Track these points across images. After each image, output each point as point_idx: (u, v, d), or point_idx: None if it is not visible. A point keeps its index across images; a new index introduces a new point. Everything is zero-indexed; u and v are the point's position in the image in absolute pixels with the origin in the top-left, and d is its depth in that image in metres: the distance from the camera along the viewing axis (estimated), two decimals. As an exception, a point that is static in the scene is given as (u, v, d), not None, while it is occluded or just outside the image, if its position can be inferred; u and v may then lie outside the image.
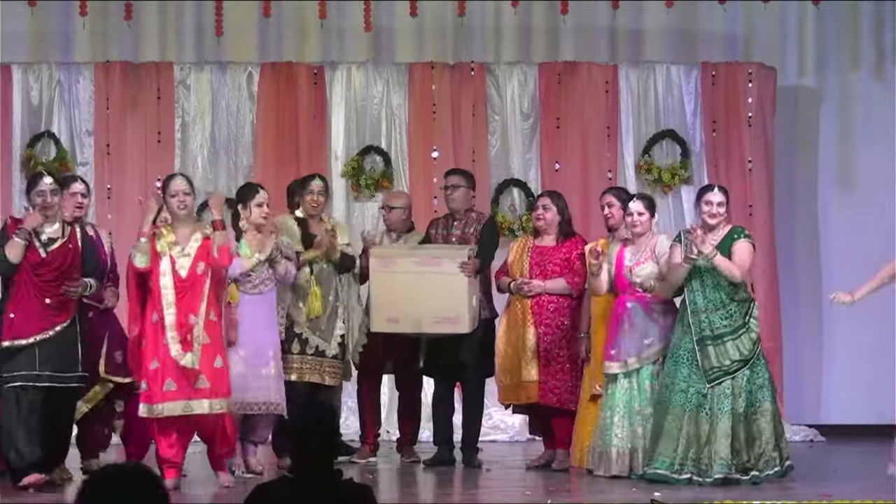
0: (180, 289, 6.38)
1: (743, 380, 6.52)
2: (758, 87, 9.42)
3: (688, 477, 6.49)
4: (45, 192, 6.59)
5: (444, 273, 7.14)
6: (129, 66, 9.24)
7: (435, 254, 7.26)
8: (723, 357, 6.52)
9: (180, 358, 6.31)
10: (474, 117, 9.35)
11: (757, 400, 6.56)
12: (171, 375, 6.34)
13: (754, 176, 9.36)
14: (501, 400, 7.26)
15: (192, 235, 6.50)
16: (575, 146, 9.38)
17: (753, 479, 6.48)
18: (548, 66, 9.47)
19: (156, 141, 9.19)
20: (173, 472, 6.43)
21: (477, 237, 7.38)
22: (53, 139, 9.15)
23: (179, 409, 6.33)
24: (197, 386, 6.35)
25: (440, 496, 6.54)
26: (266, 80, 9.27)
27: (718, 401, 6.50)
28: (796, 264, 9.51)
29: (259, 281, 6.90)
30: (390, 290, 7.12)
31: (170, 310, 6.33)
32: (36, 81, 9.16)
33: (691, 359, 6.55)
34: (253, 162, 9.26)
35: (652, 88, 9.46)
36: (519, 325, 7.17)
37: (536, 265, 7.19)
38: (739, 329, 6.55)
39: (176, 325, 6.32)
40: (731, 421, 6.48)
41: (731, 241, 6.64)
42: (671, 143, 9.44)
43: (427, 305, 7.10)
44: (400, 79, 9.36)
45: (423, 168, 9.17)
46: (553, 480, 6.88)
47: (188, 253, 6.44)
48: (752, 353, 6.56)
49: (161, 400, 6.33)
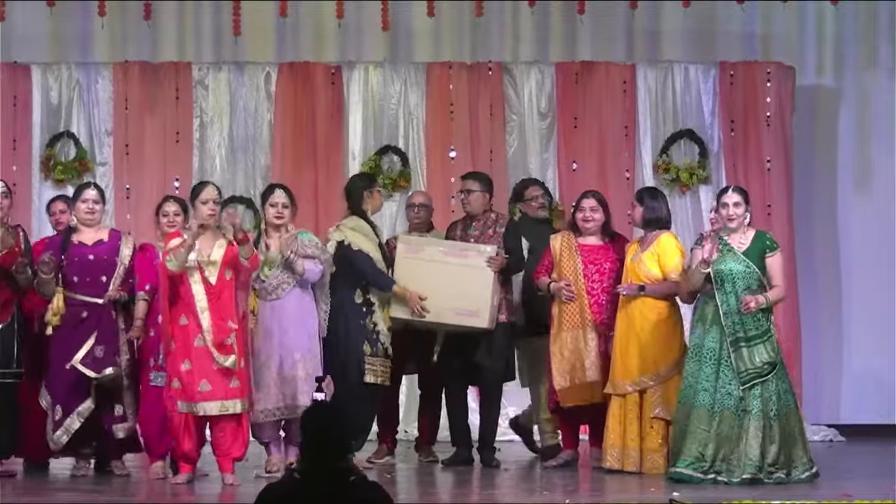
0: (211, 294, 6.51)
1: (773, 383, 6.50)
2: (776, 86, 9.40)
3: (712, 477, 6.47)
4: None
5: (470, 266, 7.13)
6: (148, 66, 9.28)
7: (464, 246, 7.26)
8: (755, 359, 6.50)
9: (223, 360, 6.46)
10: (492, 117, 9.35)
11: (784, 403, 6.53)
12: (207, 376, 6.47)
13: (773, 175, 9.34)
14: (562, 402, 7.17)
15: (216, 242, 6.60)
16: (592, 146, 9.37)
17: (778, 481, 6.45)
18: (565, 65, 9.46)
19: (174, 141, 9.23)
20: (189, 468, 6.58)
21: (497, 239, 7.34)
22: (73, 139, 9.19)
23: (216, 409, 6.49)
24: (231, 386, 6.50)
25: (458, 496, 6.54)
26: (284, 79, 9.30)
27: (749, 403, 6.48)
28: (815, 264, 9.48)
29: (273, 286, 6.88)
30: (414, 276, 7.11)
31: (204, 314, 6.48)
32: (55, 81, 9.20)
33: (716, 358, 6.53)
34: (271, 162, 9.28)
35: (670, 88, 9.45)
36: (577, 327, 7.09)
37: (591, 263, 7.14)
38: (767, 332, 6.55)
39: (213, 329, 6.45)
40: (762, 423, 6.45)
41: (762, 248, 6.59)
42: (689, 143, 9.43)
43: (449, 296, 7.08)
44: (417, 78, 9.37)
45: (441, 168, 9.18)
46: (571, 480, 6.88)
47: (214, 260, 6.55)
48: (777, 357, 6.54)
49: (199, 399, 6.48)
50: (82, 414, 6.78)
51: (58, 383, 6.79)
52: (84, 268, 6.83)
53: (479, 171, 7.94)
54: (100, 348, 6.81)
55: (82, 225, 6.93)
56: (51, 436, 6.80)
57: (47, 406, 6.81)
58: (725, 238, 6.62)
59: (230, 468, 6.59)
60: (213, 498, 6.36)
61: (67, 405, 6.78)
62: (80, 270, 6.82)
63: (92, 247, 6.91)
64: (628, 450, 6.83)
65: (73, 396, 6.78)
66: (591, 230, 7.17)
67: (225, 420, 6.50)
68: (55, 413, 6.78)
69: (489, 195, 7.49)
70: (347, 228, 7.18)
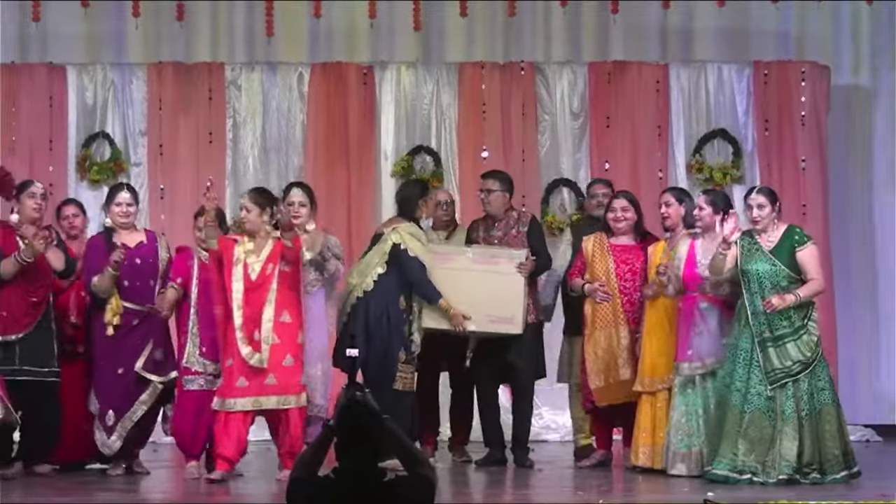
0: (250, 290, 6.59)
1: (805, 382, 6.45)
2: (811, 85, 9.35)
3: (748, 477, 6.43)
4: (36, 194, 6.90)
5: (501, 273, 7.12)
6: (182, 67, 9.32)
7: (493, 253, 7.24)
8: (784, 359, 6.45)
9: (250, 357, 6.53)
10: (524, 117, 9.34)
11: (819, 402, 6.48)
12: (243, 373, 6.55)
13: (808, 175, 9.29)
14: (598, 402, 7.17)
15: (266, 243, 6.70)
16: (625, 146, 9.35)
17: (813, 481, 6.41)
18: (598, 65, 9.44)
19: (207, 141, 9.27)
20: (226, 466, 6.62)
21: (521, 239, 7.33)
22: (108, 139, 9.24)
23: (250, 405, 6.57)
24: (266, 383, 6.55)
25: (491, 496, 6.53)
26: (316, 80, 9.32)
27: (781, 403, 6.44)
28: (851, 263, 9.42)
29: (305, 282, 6.91)
30: (445, 286, 7.10)
31: (238, 311, 6.57)
32: (90, 82, 9.26)
33: (748, 359, 6.49)
34: (303, 162, 9.30)
35: (703, 87, 9.42)
36: (610, 326, 7.07)
37: (623, 263, 7.13)
38: (800, 330, 6.48)
39: (243, 326, 6.54)
40: (795, 423, 6.41)
41: (791, 244, 6.54)
42: (723, 143, 9.39)
43: (482, 304, 7.07)
44: (450, 78, 9.37)
45: (473, 168, 9.16)
46: (605, 480, 6.86)
47: (261, 259, 6.66)
48: (813, 356, 6.48)
49: (233, 395, 6.55)
50: (133, 418, 6.82)
51: (109, 388, 6.83)
52: (133, 271, 6.87)
53: (499, 170, 7.88)
54: (158, 352, 6.88)
55: (119, 227, 6.96)
56: (105, 440, 6.83)
57: (96, 411, 6.84)
58: (756, 237, 6.58)
59: (289, 463, 6.60)
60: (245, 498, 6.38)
61: (120, 410, 6.82)
62: (129, 275, 6.86)
63: (136, 249, 6.95)
64: (657, 447, 6.80)
65: (126, 401, 6.83)
66: (623, 230, 7.15)
67: (281, 416, 6.58)
68: (107, 418, 6.82)
69: (509, 194, 7.47)
70: (406, 233, 7.13)
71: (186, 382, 6.79)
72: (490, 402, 7.48)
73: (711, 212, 6.79)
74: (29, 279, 6.79)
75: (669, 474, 6.67)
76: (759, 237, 6.59)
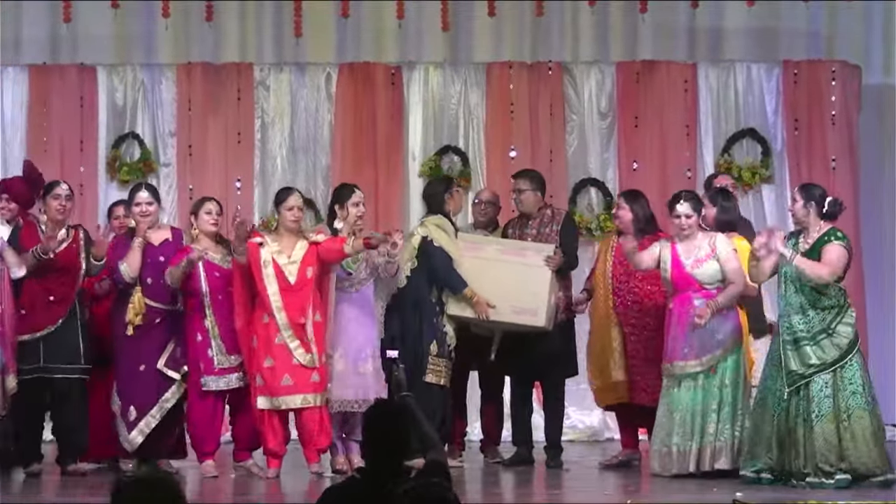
0: (289, 293, 6.67)
1: (822, 384, 6.38)
2: (842, 85, 9.29)
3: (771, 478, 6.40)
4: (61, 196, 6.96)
5: (528, 265, 7.13)
6: (210, 68, 9.36)
7: (522, 245, 7.27)
8: (802, 362, 6.41)
9: (303, 358, 6.66)
10: (552, 117, 9.32)
11: (850, 406, 6.41)
12: (288, 371, 6.66)
13: (838, 175, 9.23)
14: (597, 402, 7.20)
15: (297, 244, 6.77)
16: (653, 145, 9.31)
17: (839, 484, 6.35)
18: (626, 65, 9.41)
19: (236, 142, 9.30)
20: (277, 463, 6.77)
21: (554, 236, 7.33)
22: (138, 140, 9.29)
23: (298, 402, 6.69)
24: (311, 381, 6.69)
25: (521, 496, 6.52)
26: (344, 80, 9.34)
27: (805, 405, 6.39)
28: (882, 263, 9.35)
29: (357, 280, 6.94)
30: (472, 274, 7.12)
31: (280, 314, 6.66)
32: (120, 83, 9.31)
33: (778, 360, 6.47)
34: (331, 162, 9.32)
35: (732, 87, 9.37)
36: (603, 327, 7.13)
37: (620, 263, 7.14)
38: (819, 335, 6.41)
39: (291, 326, 6.65)
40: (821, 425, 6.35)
41: (822, 243, 6.49)
42: (752, 142, 9.34)
43: (507, 294, 7.08)
44: (478, 78, 9.37)
45: (502, 168, 9.15)
46: (632, 480, 6.84)
47: (294, 260, 6.73)
48: (837, 359, 6.41)
49: (281, 394, 6.66)
50: (156, 415, 6.86)
51: (132, 386, 6.87)
52: (156, 269, 6.90)
53: (530, 169, 7.91)
54: (179, 349, 6.91)
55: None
56: (126, 437, 6.87)
57: (118, 409, 6.88)
58: (800, 238, 6.54)
59: (316, 458, 6.76)
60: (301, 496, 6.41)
61: (143, 407, 6.86)
62: (153, 272, 6.89)
63: (160, 247, 6.98)
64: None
65: (148, 398, 6.87)
66: (621, 229, 7.15)
67: (309, 412, 6.68)
68: (129, 414, 6.86)
69: (541, 193, 7.48)
70: (432, 225, 7.21)
71: (208, 382, 6.81)
72: (520, 401, 7.48)
73: (696, 219, 6.76)
74: (48, 278, 6.84)
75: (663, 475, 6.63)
76: (803, 238, 6.53)
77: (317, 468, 6.73)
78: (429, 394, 6.94)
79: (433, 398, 6.96)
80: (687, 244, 6.81)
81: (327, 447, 6.81)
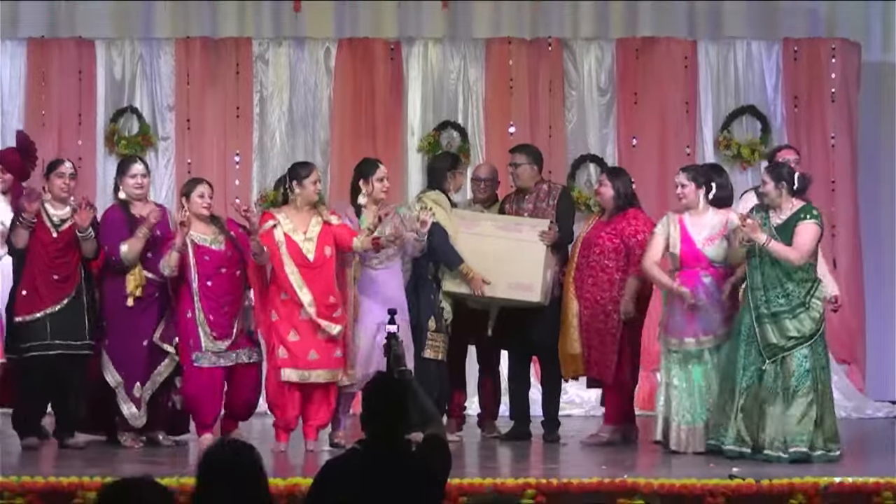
0: (310, 270, 6.68)
1: (802, 358, 6.41)
2: (841, 62, 9.29)
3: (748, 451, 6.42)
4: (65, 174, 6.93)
5: (523, 240, 7.14)
6: (209, 42, 9.33)
7: (518, 220, 7.28)
8: (780, 334, 6.43)
9: (331, 329, 6.67)
10: (551, 93, 9.31)
11: (821, 381, 6.45)
12: (314, 346, 6.69)
13: (837, 152, 9.24)
14: (563, 374, 7.25)
15: (312, 220, 6.77)
16: (653, 122, 9.31)
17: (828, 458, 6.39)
18: (626, 41, 9.40)
19: (234, 116, 9.28)
20: (286, 437, 6.78)
21: (551, 211, 7.34)
22: (136, 114, 9.27)
23: (323, 377, 6.72)
24: (335, 356, 6.74)
25: (518, 470, 6.54)
26: (343, 55, 9.31)
27: (782, 380, 6.41)
28: (880, 240, 9.36)
29: (385, 256, 6.94)
30: (467, 250, 7.14)
31: (303, 290, 6.66)
32: (119, 56, 9.28)
33: (750, 335, 6.49)
34: (330, 137, 9.31)
35: (732, 64, 9.37)
36: (567, 299, 7.16)
37: (590, 238, 7.14)
38: (797, 308, 6.45)
39: (316, 303, 6.65)
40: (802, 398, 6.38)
41: (796, 221, 6.51)
42: (751, 119, 9.34)
43: (503, 269, 7.10)
44: (477, 54, 9.35)
45: (500, 143, 9.13)
46: (630, 455, 6.86)
47: (311, 237, 6.72)
48: (812, 333, 6.44)
49: (309, 367, 6.69)
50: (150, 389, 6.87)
51: (134, 361, 6.87)
52: (153, 243, 6.89)
53: (526, 144, 7.91)
54: (171, 323, 6.91)
55: (133, 199, 6.98)
56: (134, 413, 6.86)
57: (116, 384, 6.86)
58: (770, 213, 6.55)
59: (315, 435, 6.77)
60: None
61: (143, 380, 6.87)
62: (149, 246, 6.88)
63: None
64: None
65: (148, 372, 6.89)
66: (602, 204, 7.18)
67: (316, 388, 6.69)
68: (135, 390, 6.85)
69: (538, 167, 7.48)
70: (429, 200, 7.21)
71: (198, 359, 6.80)
72: (517, 376, 7.50)
73: (694, 187, 6.77)
74: (51, 257, 6.83)
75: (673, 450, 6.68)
76: (773, 213, 6.56)
77: (313, 445, 6.72)
78: (427, 369, 6.95)
79: (431, 373, 6.98)
80: (696, 220, 6.79)
81: (326, 423, 6.82)
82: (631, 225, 7.05)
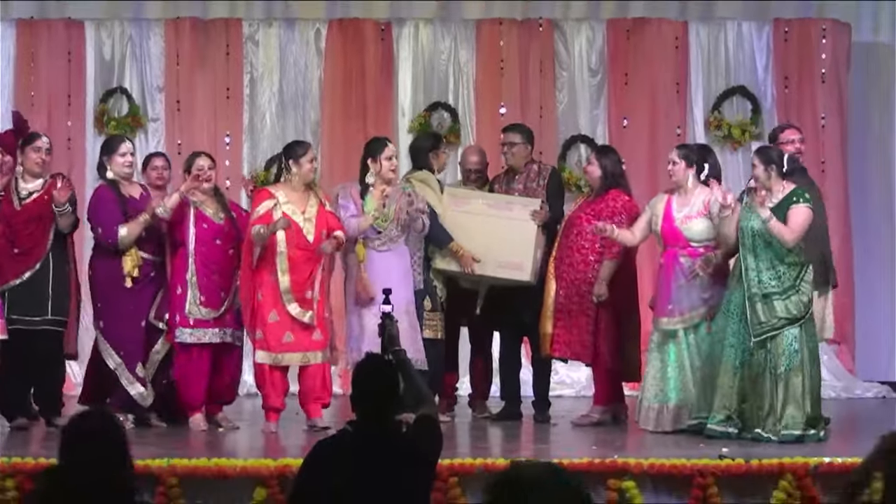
0: (303, 252, 6.69)
1: (791, 338, 6.43)
2: (832, 43, 9.29)
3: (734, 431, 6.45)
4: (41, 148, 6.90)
5: (514, 218, 7.15)
6: (199, 23, 9.30)
7: (508, 199, 7.28)
8: (770, 315, 6.45)
9: (302, 316, 6.67)
10: (542, 74, 9.31)
11: (814, 359, 6.48)
12: (290, 328, 6.69)
13: (827, 132, 9.25)
14: (541, 351, 7.27)
15: (309, 199, 6.77)
16: (644, 102, 9.31)
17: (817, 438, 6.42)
18: (616, 22, 9.39)
19: (225, 97, 9.26)
20: (276, 417, 6.81)
21: (541, 191, 7.34)
22: (126, 95, 9.25)
23: (298, 360, 6.74)
24: (313, 338, 6.73)
25: (509, 450, 6.56)
26: (334, 36, 9.30)
27: (773, 359, 6.43)
28: (870, 221, 9.39)
29: (389, 237, 6.93)
30: (458, 228, 7.14)
31: (284, 276, 6.66)
32: (108, 37, 9.25)
33: (740, 314, 6.51)
34: (320, 118, 9.30)
35: (722, 44, 9.37)
36: (546, 280, 7.17)
37: (573, 219, 7.14)
38: (789, 290, 6.47)
39: (292, 288, 6.65)
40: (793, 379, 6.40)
41: (789, 204, 6.52)
42: (741, 100, 9.34)
43: (493, 248, 7.10)
44: (468, 35, 9.34)
45: (491, 124, 9.13)
46: (620, 436, 6.89)
47: (309, 217, 6.73)
48: (802, 314, 6.46)
49: (282, 350, 6.70)
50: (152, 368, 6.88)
51: (132, 340, 6.86)
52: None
53: (520, 123, 7.91)
54: (165, 303, 6.91)
55: (122, 179, 6.96)
56: (141, 392, 6.83)
57: (116, 365, 6.83)
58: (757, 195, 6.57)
59: (319, 413, 6.79)
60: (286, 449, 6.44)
61: (145, 360, 6.88)
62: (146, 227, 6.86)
63: (140, 200, 6.97)
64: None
65: (147, 351, 6.90)
66: (591, 184, 7.17)
67: (313, 369, 6.73)
68: (138, 370, 6.84)
69: (531, 146, 7.49)
70: (416, 180, 7.20)
71: (182, 335, 6.79)
72: (508, 356, 7.52)
73: (684, 166, 6.79)
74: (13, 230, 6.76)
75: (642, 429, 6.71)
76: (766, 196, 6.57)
77: (321, 422, 6.72)
78: (427, 349, 6.95)
79: (431, 353, 6.98)
80: (683, 199, 6.82)
81: (329, 402, 6.85)
82: (609, 206, 7.04)
